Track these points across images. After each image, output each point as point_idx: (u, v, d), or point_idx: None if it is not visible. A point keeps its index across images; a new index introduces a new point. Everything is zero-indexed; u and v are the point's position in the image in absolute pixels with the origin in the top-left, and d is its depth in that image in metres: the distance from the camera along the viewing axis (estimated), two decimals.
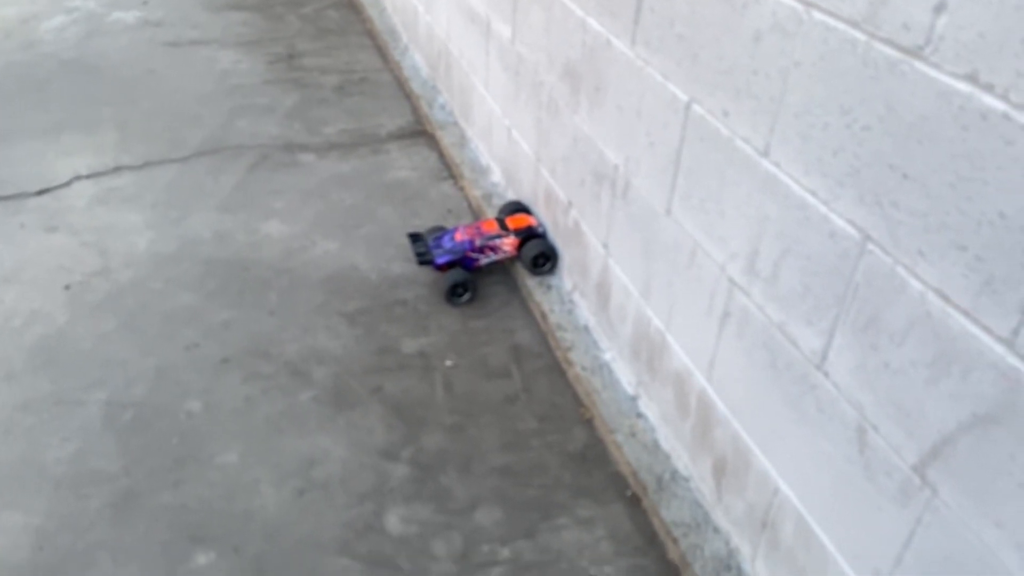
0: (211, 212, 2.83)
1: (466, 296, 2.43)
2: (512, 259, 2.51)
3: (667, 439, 1.91)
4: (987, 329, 1.00)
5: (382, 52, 4.13)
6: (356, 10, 4.66)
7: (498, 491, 1.88)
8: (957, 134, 1.00)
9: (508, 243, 2.46)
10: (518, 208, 2.61)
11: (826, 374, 1.31)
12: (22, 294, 2.42)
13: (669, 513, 1.78)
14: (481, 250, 2.45)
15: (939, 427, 1.10)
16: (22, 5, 4.51)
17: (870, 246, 1.17)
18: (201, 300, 2.43)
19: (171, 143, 3.25)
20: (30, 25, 4.27)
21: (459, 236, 2.46)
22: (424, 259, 2.45)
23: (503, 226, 2.49)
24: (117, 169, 3.06)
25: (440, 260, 2.43)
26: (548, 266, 2.44)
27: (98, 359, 2.21)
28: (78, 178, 2.99)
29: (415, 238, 2.55)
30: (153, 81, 3.76)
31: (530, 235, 2.46)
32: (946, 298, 1.06)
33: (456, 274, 2.41)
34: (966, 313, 1.03)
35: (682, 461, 1.85)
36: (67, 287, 2.45)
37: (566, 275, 2.41)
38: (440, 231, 2.54)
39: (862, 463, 1.26)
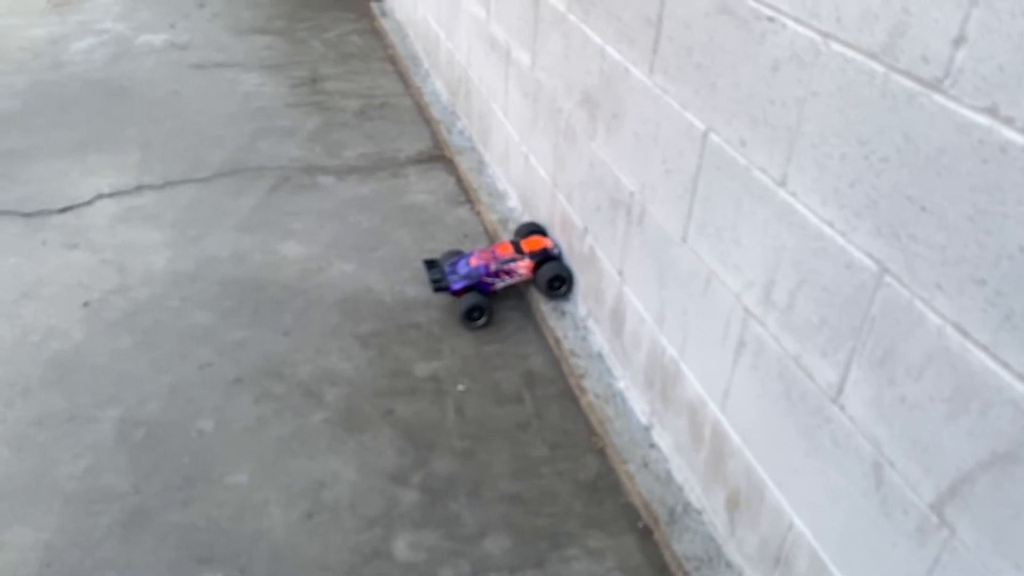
0: (229, 232, 2.86)
1: (482, 320, 2.43)
2: (528, 282, 2.50)
3: (680, 470, 1.89)
4: (1007, 365, 0.98)
5: (403, 77, 4.18)
6: (379, 36, 4.72)
7: (507, 519, 1.86)
8: (976, 167, 0.99)
9: (523, 266, 2.45)
10: (534, 230, 2.60)
11: (842, 407, 1.29)
12: (41, 310, 2.44)
13: (681, 546, 1.75)
14: (496, 274, 2.44)
15: (957, 464, 1.07)
16: (52, 27, 4.61)
17: (887, 278, 1.16)
18: (216, 319, 2.44)
19: (193, 163, 3.29)
20: (60, 46, 4.36)
21: (474, 261, 2.46)
22: (439, 286, 2.44)
23: (518, 249, 2.48)
24: (139, 188, 3.10)
25: (456, 286, 2.42)
26: (564, 289, 2.43)
27: (113, 376, 2.22)
28: (100, 196, 3.03)
29: (430, 265, 2.55)
30: (177, 102, 3.82)
31: (545, 258, 2.45)
32: (965, 332, 1.04)
33: (472, 297, 2.41)
34: (985, 348, 1.01)
35: (695, 493, 1.83)
36: (85, 304, 2.48)
37: (580, 301, 2.40)
38: (455, 256, 2.54)
39: (878, 499, 1.23)
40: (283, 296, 2.55)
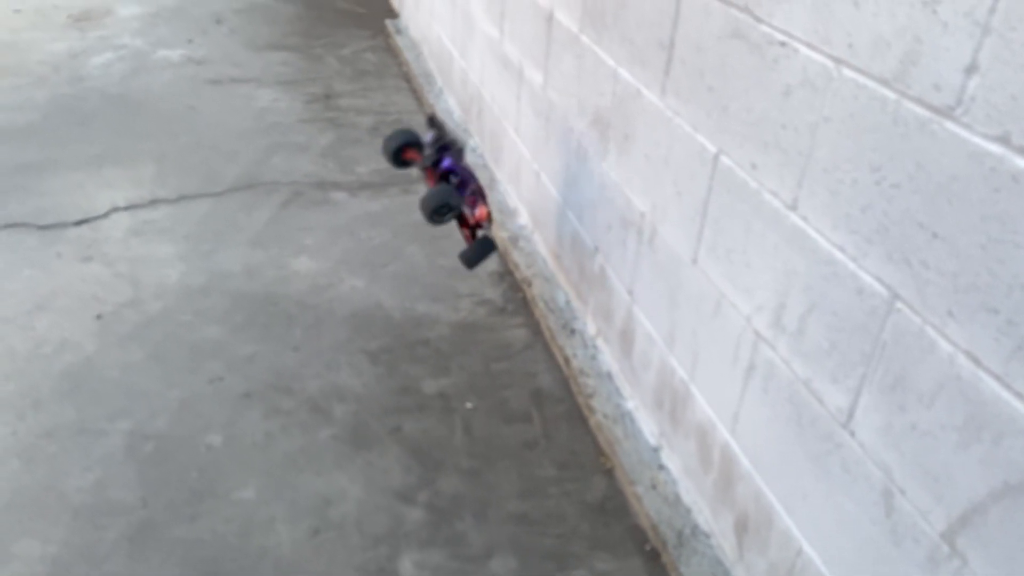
0: (242, 247, 2.88)
1: (450, 216, 2.15)
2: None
3: (689, 493, 1.87)
4: (1019, 395, 0.97)
5: (417, 95, 4.21)
6: (393, 54, 4.76)
7: (514, 539, 1.85)
8: (988, 195, 0.98)
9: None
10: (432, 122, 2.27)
11: (852, 433, 1.28)
12: (54, 322, 2.46)
13: (689, 570, 1.73)
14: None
15: (969, 494, 1.06)
16: (72, 41, 4.68)
17: (898, 304, 1.15)
18: (227, 333, 2.45)
19: (207, 178, 3.32)
20: (79, 60, 4.42)
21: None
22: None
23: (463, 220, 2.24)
24: (153, 202, 3.13)
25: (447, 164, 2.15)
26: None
27: (124, 389, 2.23)
28: (115, 210, 3.06)
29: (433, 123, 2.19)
30: (193, 117, 3.86)
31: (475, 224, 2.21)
32: (976, 361, 1.03)
33: (446, 192, 2.13)
34: (997, 378, 1.00)
35: (703, 516, 1.81)
36: (98, 316, 2.50)
37: (590, 319, 2.40)
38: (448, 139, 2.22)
39: (888, 527, 1.22)
40: (294, 311, 2.56)
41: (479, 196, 2.26)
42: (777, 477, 1.51)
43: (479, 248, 2.24)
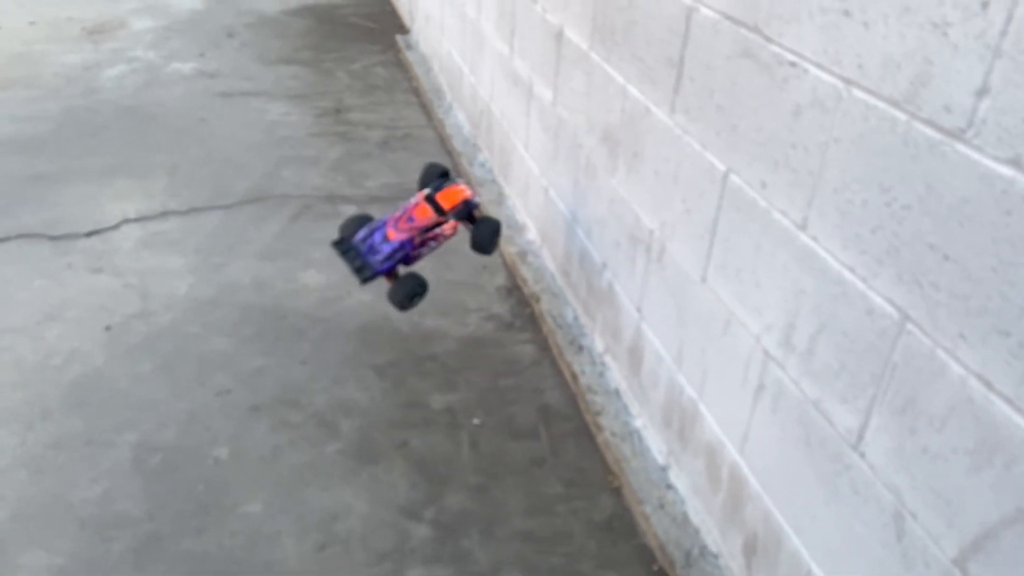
0: (251, 259, 2.89)
1: (422, 299, 2.25)
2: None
3: (697, 512, 1.86)
4: None
5: (427, 110, 4.23)
6: (404, 68, 4.80)
7: (520, 557, 1.84)
8: (1000, 218, 0.98)
9: (449, 227, 2.25)
10: (442, 173, 2.34)
11: (862, 455, 1.27)
12: (64, 333, 2.48)
13: None
14: (422, 244, 2.25)
15: (981, 519, 1.05)
16: (86, 54, 4.73)
17: (909, 326, 1.15)
18: (236, 346, 2.46)
19: (218, 190, 3.34)
20: (92, 73, 4.47)
21: (393, 235, 2.20)
22: (366, 276, 2.18)
23: (438, 208, 2.23)
24: (164, 214, 3.15)
25: (382, 268, 2.19)
26: (497, 239, 2.29)
27: (132, 401, 2.23)
28: (126, 221, 3.08)
29: (344, 249, 2.22)
30: (204, 130, 3.89)
31: (469, 211, 2.24)
32: (988, 384, 1.02)
33: (409, 282, 2.21)
34: (1009, 401, 0.99)
35: (712, 536, 1.80)
36: (108, 328, 2.51)
37: (598, 337, 2.39)
38: (362, 225, 2.28)
39: (899, 551, 1.21)
40: (302, 324, 2.57)
41: (415, 221, 2.24)
42: (786, 498, 1.50)
43: (406, 285, 2.24)
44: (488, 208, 3.21)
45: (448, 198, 2.24)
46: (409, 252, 2.23)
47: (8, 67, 4.51)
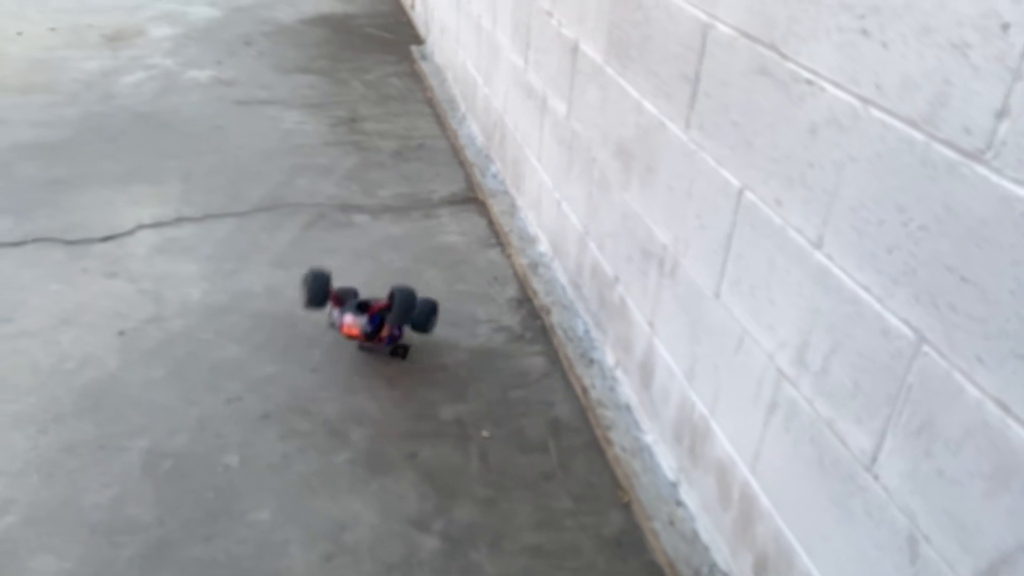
0: (265, 267, 2.90)
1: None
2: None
3: (707, 530, 1.85)
4: None
5: (440, 120, 4.25)
6: (418, 79, 4.82)
7: (529, 571, 1.83)
8: (1019, 240, 0.97)
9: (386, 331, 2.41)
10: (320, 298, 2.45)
11: (876, 476, 1.26)
12: (78, 337, 2.49)
13: None
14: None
15: (997, 545, 1.04)
16: (105, 60, 4.78)
17: (925, 348, 1.14)
18: (247, 353, 2.47)
19: (232, 197, 3.36)
20: (110, 79, 4.51)
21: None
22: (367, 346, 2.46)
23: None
24: (179, 220, 3.17)
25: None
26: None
27: (144, 406, 2.24)
28: (141, 227, 3.10)
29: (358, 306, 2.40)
30: (220, 137, 3.92)
31: (378, 329, 2.38)
32: (1006, 408, 1.01)
33: (426, 305, 2.46)
34: None
35: (722, 555, 1.79)
36: (121, 333, 2.52)
37: (609, 350, 2.39)
38: (354, 299, 2.46)
39: (912, 574, 1.20)
40: (314, 333, 2.57)
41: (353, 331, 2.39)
42: (798, 518, 1.49)
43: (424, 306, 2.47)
44: (500, 219, 3.21)
45: (350, 334, 2.37)
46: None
47: (29, 73, 4.56)
